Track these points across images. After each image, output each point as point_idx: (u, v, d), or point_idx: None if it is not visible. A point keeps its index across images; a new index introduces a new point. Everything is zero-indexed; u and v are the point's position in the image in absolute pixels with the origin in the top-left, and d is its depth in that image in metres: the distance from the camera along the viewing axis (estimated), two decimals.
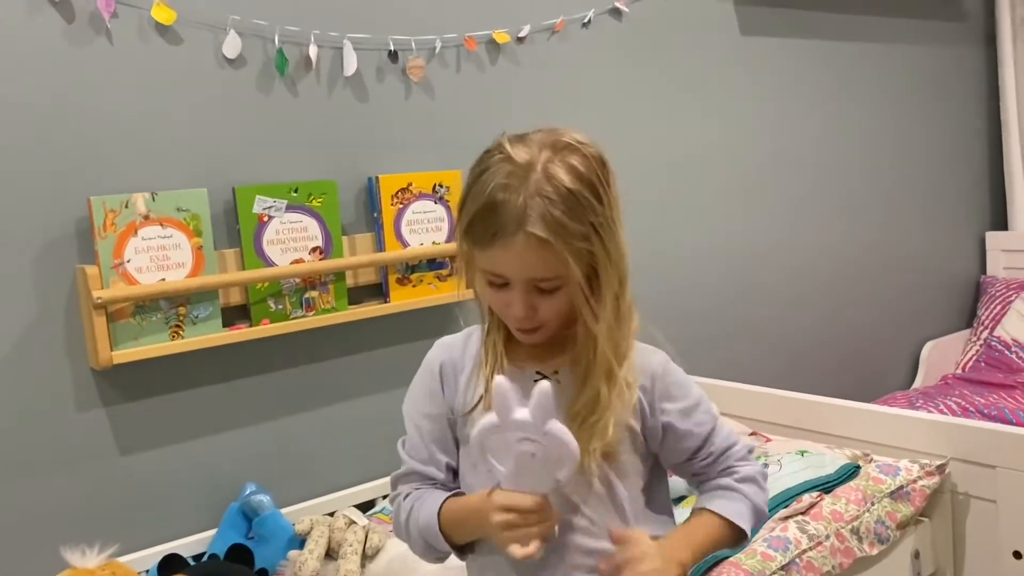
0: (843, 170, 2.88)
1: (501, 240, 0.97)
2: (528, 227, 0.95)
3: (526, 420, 0.92)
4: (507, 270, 0.99)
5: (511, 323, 1.04)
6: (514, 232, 0.96)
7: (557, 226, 0.95)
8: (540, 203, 0.95)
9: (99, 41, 1.57)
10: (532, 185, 0.96)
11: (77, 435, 1.59)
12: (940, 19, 3.17)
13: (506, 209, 0.96)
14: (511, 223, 0.96)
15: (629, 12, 2.29)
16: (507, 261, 0.98)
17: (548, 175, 0.97)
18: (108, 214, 1.54)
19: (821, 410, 1.91)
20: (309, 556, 1.59)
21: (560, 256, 0.96)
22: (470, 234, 1.00)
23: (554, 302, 1.01)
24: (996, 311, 3.21)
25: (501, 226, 0.96)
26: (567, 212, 0.96)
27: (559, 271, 0.98)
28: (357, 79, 1.86)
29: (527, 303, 1.00)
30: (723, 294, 2.56)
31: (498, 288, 1.02)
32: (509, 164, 0.98)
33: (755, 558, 1.43)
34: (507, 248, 0.97)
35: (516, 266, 0.98)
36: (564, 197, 0.96)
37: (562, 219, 0.96)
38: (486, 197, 0.97)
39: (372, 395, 1.92)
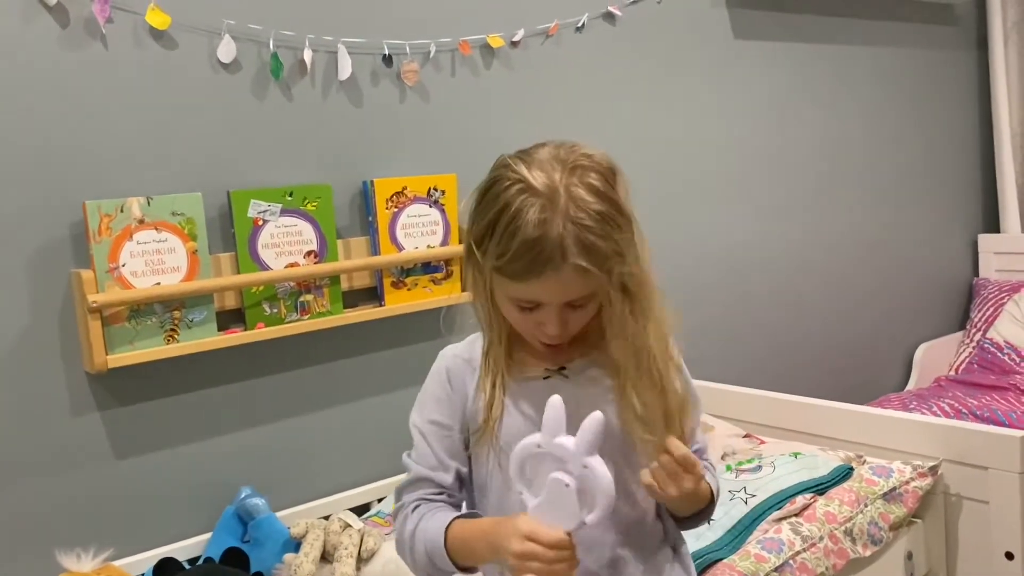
0: (836, 173, 2.89)
1: (543, 275, 0.96)
2: (571, 259, 0.95)
3: (569, 448, 0.90)
4: (545, 298, 0.99)
5: (540, 339, 1.04)
6: (557, 267, 0.96)
7: (595, 251, 0.96)
8: (575, 231, 0.95)
9: (94, 46, 1.58)
10: (561, 213, 0.96)
11: (72, 439, 1.59)
12: (932, 23, 3.19)
13: (544, 244, 0.95)
14: (553, 258, 0.95)
15: (623, 16, 2.30)
16: (547, 291, 0.98)
17: (573, 198, 0.96)
18: (103, 218, 1.54)
19: (814, 412, 1.91)
20: (305, 559, 1.59)
21: (598, 278, 0.97)
22: (503, 270, 0.98)
23: (585, 314, 1.02)
24: (989, 313, 3.22)
25: (543, 263, 0.96)
26: (601, 236, 0.96)
27: (595, 289, 0.99)
28: (352, 83, 1.86)
29: (562, 321, 1.01)
30: (717, 296, 2.57)
31: (527, 310, 1.02)
32: (532, 195, 0.96)
33: (749, 560, 1.44)
34: (547, 280, 0.97)
35: (557, 294, 0.99)
36: (596, 221, 0.96)
37: (597, 243, 0.96)
38: (522, 235, 0.96)
39: (367, 398, 1.93)
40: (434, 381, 1.12)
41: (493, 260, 0.99)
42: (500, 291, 1.03)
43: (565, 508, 0.92)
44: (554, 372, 1.08)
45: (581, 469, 0.90)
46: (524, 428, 1.04)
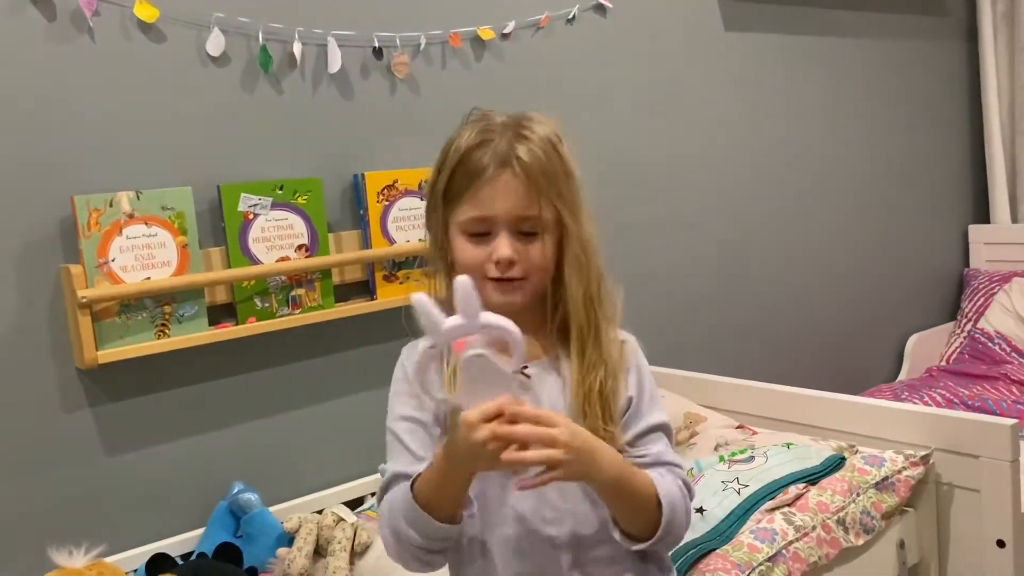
0: (826, 165, 2.90)
1: (488, 175, 1.02)
2: (518, 153, 1.01)
3: (459, 323, 0.87)
4: (492, 207, 1.02)
5: (490, 272, 1.03)
6: (501, 164, 1.02)
7: (540, 163, 1.02)
8: (524, 143, 1.02)
9: (81, 39, 1.56)
10: (511, 133, 1.03)
11: (63, 435, 1.58)
12: (922, 14, 3.19)
13: (489, 148, 1.02)
14: (497, 157, 1.02)
15: (613, 8, 2.30)
16: (492, 197, 1.02)
17: (523, 128, 1.04)
18: (92, 213, 1.53)
19: (807, 403, 1.92)
20: (298, 554, 1.59)
21: (543, 193, 1.02)
22: (448, 190, 1.05)
23: (536, 249, 1.04)
24: (979, 304, 3.24)
25: (486, 163, 1.02)
26: (546, 156, 1.03)
27: (541, 212, 1.02)
28: (342, 76, 1.85)
29: (513, 244, 1.03)
30: (709, 289, 2.57)
31: (479, 239, 1.04)
32: (483, 122, 1.05)
33: (742, 550, 1.44)
34: (493, 182, 1.02)
35: (501, 199, 1.02)
36: (543, 143, 1.04)
37: (544, 160, 1.02)
38: (465, 147, 1.04)
39: (360, 392, 1.92)
40: (397, 378, 1.14)
41: (443, 188, 1.05)
42: (454, 229, 1.06)
43: (492, 377, 0.89)
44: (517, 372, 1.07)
45: (480, 330, 0.88)
46: None
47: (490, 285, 1.04)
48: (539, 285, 1.07)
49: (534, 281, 1.06)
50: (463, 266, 1.06)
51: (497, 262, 1.03)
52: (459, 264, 1.07)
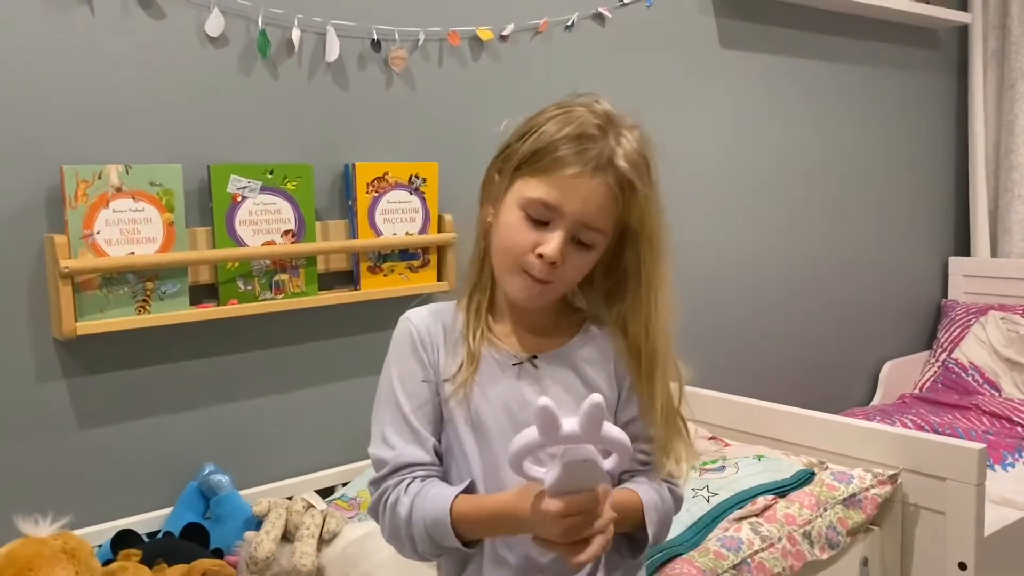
0: (812, 188, 2.93)
1: (577, 169, 0.98)
2: (618, 162, 0.99)
3: (577, 433, 0.88)
4: (567, 203, 0.99)
5: (528, 266, 1.01)
6: (598, 167, 0.99)
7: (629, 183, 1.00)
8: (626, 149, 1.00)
9: (80, 11, 1.57)
10: (617, 132, 1.01)
11: (36, 405, 1.57)
12: (914, 46, 3.24)
13: (595, 142, 0.99)
14: (599, 155, 0.99)
15: (612, 18, 2.32)
16: (573, 193, 0.98)
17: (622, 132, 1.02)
18: (80, 184, 1.53)
19: (780, 418, 1.94)
20: (265, 537, 1.58)
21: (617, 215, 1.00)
22: (538, 159, 1.00)
23: (581, 260, 1.02)
24: (955, 334, 3.28)
25: (587, 153, 0.98)
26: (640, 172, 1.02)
27: (608, 226, 1.01)
28: (339, 66, 1.86)
29: (563, 247, 1.00)
30: (691, 305, 2.58)
31: (534, 225, 1.00)
32: (595, 111, 1.02)
33: (708, 556, 1.46)
34: (580, 179, 0.98)
35: (579, 202, 0.99)
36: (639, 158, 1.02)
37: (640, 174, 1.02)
38: (562, 133, 0.99)
39: (337, 382, 1.92)
40: (403, 349, 1.09)
41: (529, 154, 1.01)
42: (512, 199, 1.02)
43: (588, 476, 0.91)
44: (525, 360, 1.08)
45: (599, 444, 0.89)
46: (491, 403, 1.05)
47: (519, 276, 1.02)
48: (560, 293, 1.06)
49: (557, 289, 1.04)
50: (504, 243, 1.03)
51: (540, 256, 1.00)
52: (499, 238, 1.03)
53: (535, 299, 1.04)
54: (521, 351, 1.08)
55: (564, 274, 1.02)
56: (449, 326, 1.10)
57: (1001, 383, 3.06)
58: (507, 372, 1.07)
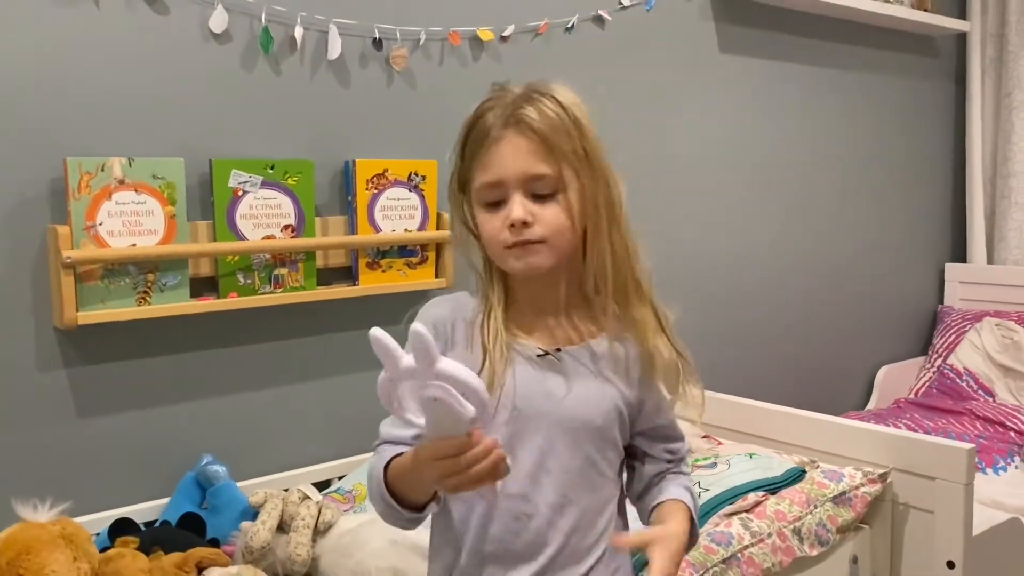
0: (810, 193, 2.95)
1: (493, 136, 1.01)
2: (521, 112, 1.00)
3: (413, 367, 0.87)
4: (502, 170, 1.00)
5: (507, 239, 1.01)
6: (506, 124, 1.01)
7: (549, 120, 1.00)
8: (532, 103, 1.01)
9: (86, 5, 1.59)
10: (519, 94, 1.03)
11: (37, 393, 1.59)
12: (912, 53, 3.26)
13: (496, 110, 1.02)
14: (503, 118, 1.01)
15: (612, 21, 2.34)
16: (502, 159, 1.00)
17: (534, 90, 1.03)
18: (83, 176, 1.55)
19: (773, 418, 1.96)
20: (261, 527, 1.60)
21: (553, 151, 1.00)
22: (465, 162, 1.03)
23: (551, 211, 1.01)
24: (951, 340, 3.29)
25: (492, 125, 1.01)
26: (556, 115, 1.01)
27: (553, 170, 1.00)
28: (340, 63, 1.88)
29: (524, 206, 1.00)
30: (686, 305, 2.60)
31: (494, 208, 1.02)
32: (494, 92, 1.05)
33: (698, 550, 1.47)
34: (499, 143, 1.01)
35: (510, 160, 1.00)
36: (554, 102, 1.02)
37: (553, 118, 1.00)
38: (474, 114, 1.03)
39: (335, 376, 1.94)
40: None
41: (459, 163, 1.04)
42: (476, 205, 1.04)
43: (448, 418, 0.89)
44: (551, 351, 1.07)
45: (434, 379, 0.87)
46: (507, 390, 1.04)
47: (509, 254, 1.03)
48: (562, 248, 1.03)
49: (556, 244, 1.02)
50: (485, 240, 1.04)
51: (512, 225, 1.00)
52: (483, 240, 1.05)
53: (533, 264, 1.03)
54: (543, 344, 1.08)
55: (544, 229, 1.02)
56: (469, 320, 1.09)
57: (995, 389, 3.07)
58: (530, 365, 1.07)
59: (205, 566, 1.48)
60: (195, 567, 1.47)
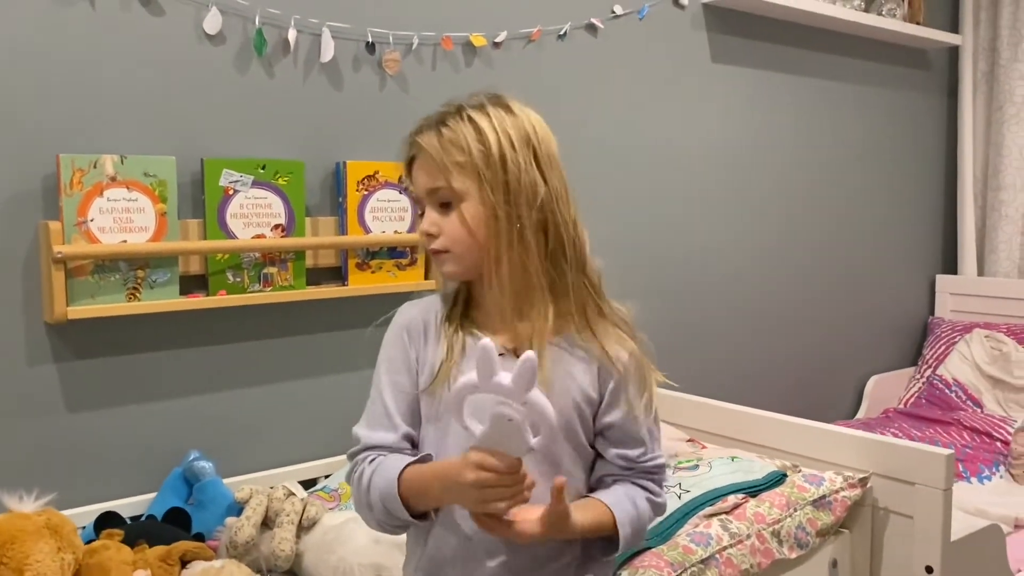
0: (802, 204, 2.97)
1: (409, 157, 1.13)
2: (417, 136, 1.10)
3: (507, 386, 0.93)
4: (416, 187, 1.12)
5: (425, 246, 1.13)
6: (412, 146, 1.11)
7: (440, 139, 1.08)
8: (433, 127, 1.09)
9: (81, 4, 1.61)
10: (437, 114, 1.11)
11: (25, 387, 1.61)
12: (905, 66, 3.29)
13: (411, 134, 1.12)
14: (412, 142, 1.11)
15: (604, 29, 2.37)
16: (415, 178, 1.12)
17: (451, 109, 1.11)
18: (76, 172, 1.57)
19: (756, 422, 1.97)
20: (246, 523, 1.61)
21: (442, 166, 1.07)
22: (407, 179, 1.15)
23: (451, 222, 1.09)
24: (940, 351, 3.31)
25: (409, 146, 1.12)
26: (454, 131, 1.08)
27: (444, 182, 1.08)
28: (333, 66, 1.91)
29: (431, 218, 1.10)
30: (677, 314, 2.62)
31: (420, 219, 1.13)
32: None
33: (677, 550, 1.49)
34: (413, 165, 1.12)
35: (417, 179, 1.12)
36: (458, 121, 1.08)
37: (448, 135, 1.08)
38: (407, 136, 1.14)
39: (322, 376, 1.96)
40: (394, 336, 1.16)
41: None
42: None
43: (511, 439, 0.95)
44: (509, 352, 1.10)
45: (522, 403, 0.93)
46: None
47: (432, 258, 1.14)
48: (466, 255, 1.10)
49: (458, 252, 1.10)
50: None
51: (424, 234, 1.12)
52: None
53: (445, 272, 1.13)
54: (504, 343, 1.11)
55: (447, 238, 1.10)
56: (438, 318, 1.15)
57: (983, 400, 3.09)
58: None
59: (189, 559, 1.49)
60: (179, 560, 1.48)
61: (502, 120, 1.09)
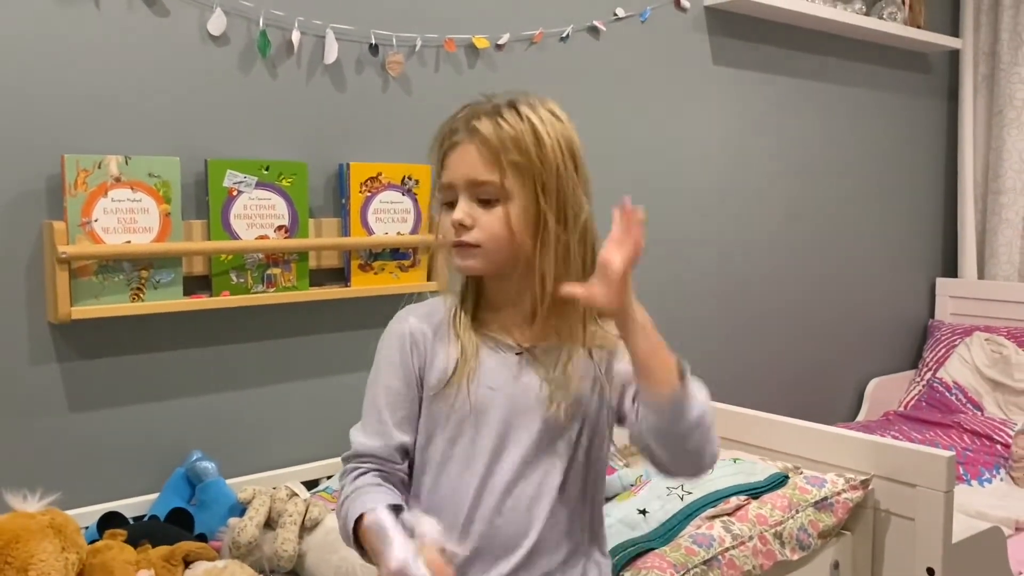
0: (803, 206, 2.98)
1: (451, 141, 1.07)
2: (476, 122, 1.05)
3: None
4: (453, 173, 1.07)
5: (452, 238, 1.07)
6: (461, 131, 1.06)
7: (500, 132, 1.04)
8: (490, 115, 1.06)
9: (86, 5, 1.62)
10: (489, 105, 1.07)
11: (29, 387, 1.61)
12: (906, 70, 3.30)
13: (456, 117, 1.08)
14: (462, 128, 1.06)
15: (606, 31, 2.37)
16: (455, 163, 1.06)
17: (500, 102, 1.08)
18: (80, 173, 1.58)
19: (758, 424, 1.98)
20: (248, 523, 1.62)
21: (499, 162, 1.04)
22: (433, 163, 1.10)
23: (492, 218, 1.05)
24: (941, 354, 3.32)
25: (454, 131, 1.07)
26: (512, 127, 1.05)
27: (497, 179, 1.04)
28: (336, 68, 1.91)
29: (466, 209, 1.06)
30: (678, 315, 2.63)
31: (449, 208, 1.08)
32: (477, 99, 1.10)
33: (679, 551, 1.49)
34: (455, 149, 1.07)
35: (459, 167, 1.06)
36: (514, 116, 1.05)
37: (508, 131, 1.04)
38: (447, 120, 1.09)
39: (325, 376, 1.96)
40: (393, 342, 1.13)
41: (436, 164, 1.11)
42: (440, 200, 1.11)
43: None
44: (526, 350, 1.10)
45: None
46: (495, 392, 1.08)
47: (453, 253, 1.08)
48: (498, 254, 1.07)
49: (490, 250, 1.06)
50: (440, 238, 1.10)
51: (455, 225, 1.06)
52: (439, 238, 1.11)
53: (466, 266, 1.08)
54: (520, 342, 1.11)
55: (483, 233, 1.06)
56: (441, 324, 1.13)
57: (984, 403, 3.10)
58: (508, 363, 1.10)
59: (192, 560, 1.50)
60: (182, 560, 1.48)
61: (554, 126, 1.07)
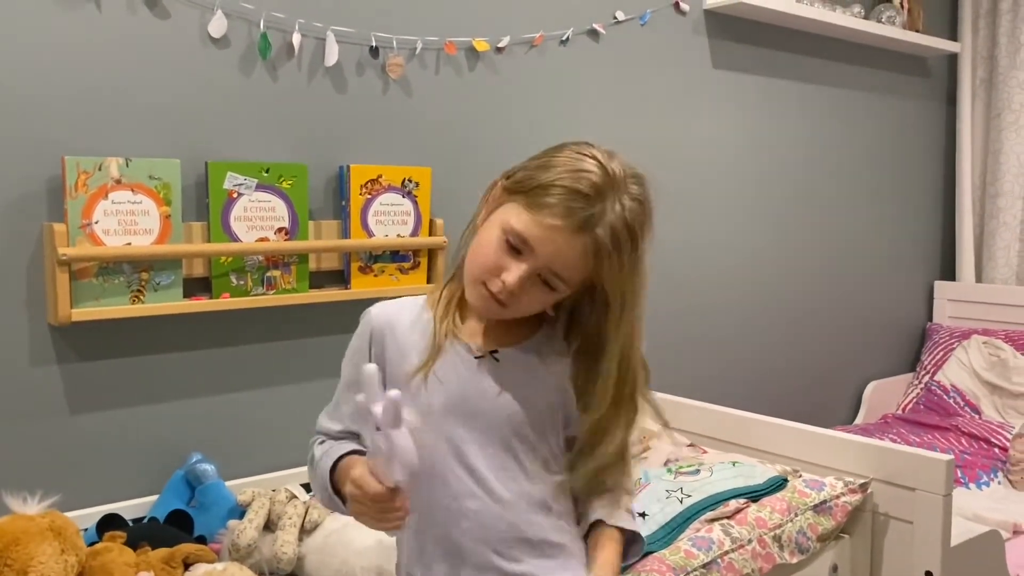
0: (801, 210, 2.98)
1: (564, 223, 1.02)
2: (597, 230, 1.02)
3: (378, 416, 0.95)
4: (541, 246, 1.03)
5: (490, 284, 1.06)
6: (579, 228, 1.02)
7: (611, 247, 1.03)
8: (612, 220, 1.03)
9: (87, 7, 1.62)
10: (613, 200, 1.03)
11: (29, 389, 1.61)
12: (904, 73, 3.31)
13: (589, 202, 1.02)
14: (583, 217, 1.02)
15: (606, 34, 2.38)
16: (549, 240, 1.02)
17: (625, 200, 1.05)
18: (81, 175, 1.58)
19: (757, 427, 1.98)
20: (248, 525, 1.62)
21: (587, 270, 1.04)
22: (533, 194, 1.03)
23: (542, 296, 1.07)
24: (939, 357, 3.32)
25: (573, 211, 1.02)
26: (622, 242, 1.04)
27: (575, 279, 1.05)
28: (337, 70, 1.91)
29: (523, 280, 1.04)
30: (677, 319, 2.63)
31: (508, 250, 1.05)
32: (603, 170, 1.05)
33: (679, 555, 1.49)
34: (559, 232, 1.02)
35: (552, 250, 1.03)
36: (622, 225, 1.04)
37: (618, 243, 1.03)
38: (575, 179, 1.02)
39: (325, 379, 1.96)
40: (360, 338, 1.20)
41: (527, 181, 1.05)
42: (501, 216, 1.06)
43: (383, 466, 0.98)
44: (486, 354, 1.13)
45: (387, 438, 0.95)
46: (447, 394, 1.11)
47: (481, 288, 1.07)
48: (515, 316, 1.10)
49: (513, 312, 1.08)
50: (477, 254, 1.08)
51: (504, 283, 1.05)
52: (475, 248, 1.09)
53: (490, 314, 1.10)
54: (484, 346, 1.14)
55: (521, 303, 1.07)
56: (414, 320, 1.16)
57: (981, 406, 3.10)
58: (468, 366, 1.12)
59: (191, 562, 1.50)
60: (181, 563, 1.48)
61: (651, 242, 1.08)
